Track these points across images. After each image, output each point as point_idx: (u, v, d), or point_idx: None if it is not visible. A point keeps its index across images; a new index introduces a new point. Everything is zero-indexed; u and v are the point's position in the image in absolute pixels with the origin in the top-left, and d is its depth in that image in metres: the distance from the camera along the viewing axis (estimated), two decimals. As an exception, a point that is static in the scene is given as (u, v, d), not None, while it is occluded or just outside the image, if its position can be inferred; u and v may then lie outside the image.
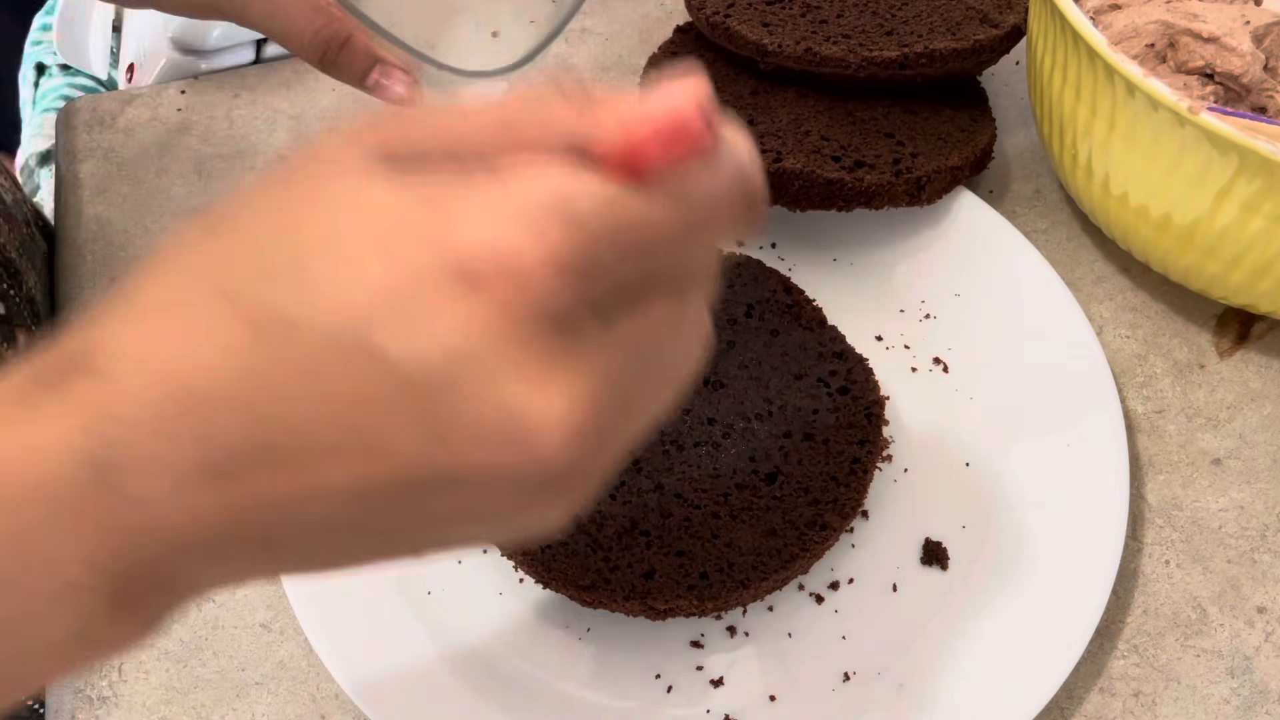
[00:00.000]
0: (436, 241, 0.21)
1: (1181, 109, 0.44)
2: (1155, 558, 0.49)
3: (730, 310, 0.51)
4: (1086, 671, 0.45)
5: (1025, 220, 0.58)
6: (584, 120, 0.23)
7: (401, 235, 0.21)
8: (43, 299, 0.56)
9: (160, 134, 0.63)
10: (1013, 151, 0.62)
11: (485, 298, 0.21)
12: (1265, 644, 0.47)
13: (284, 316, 0.21)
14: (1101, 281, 0.57)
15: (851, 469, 0.46)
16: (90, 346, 0.22)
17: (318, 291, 0.21)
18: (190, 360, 0.21)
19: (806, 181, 0.52)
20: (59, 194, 0.61)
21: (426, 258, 0.21)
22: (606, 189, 0.22)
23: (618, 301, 0.23)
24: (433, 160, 0.23)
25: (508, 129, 0.23)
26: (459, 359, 0.21)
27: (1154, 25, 0.52)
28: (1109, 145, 0.49)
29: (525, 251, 0.21)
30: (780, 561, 0.44)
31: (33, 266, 0.55)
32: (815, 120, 0.55)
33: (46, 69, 0.80)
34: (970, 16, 0.56)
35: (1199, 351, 0.55)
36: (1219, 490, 0.50)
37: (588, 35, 0.67)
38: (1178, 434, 0.52)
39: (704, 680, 0.45)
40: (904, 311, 0.55)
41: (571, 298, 0.21)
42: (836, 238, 0.57)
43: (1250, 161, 0.44)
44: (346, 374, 0.21)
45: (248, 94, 0.64)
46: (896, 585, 0.47)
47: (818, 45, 0.54)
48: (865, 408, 0.48)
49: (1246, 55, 0.50)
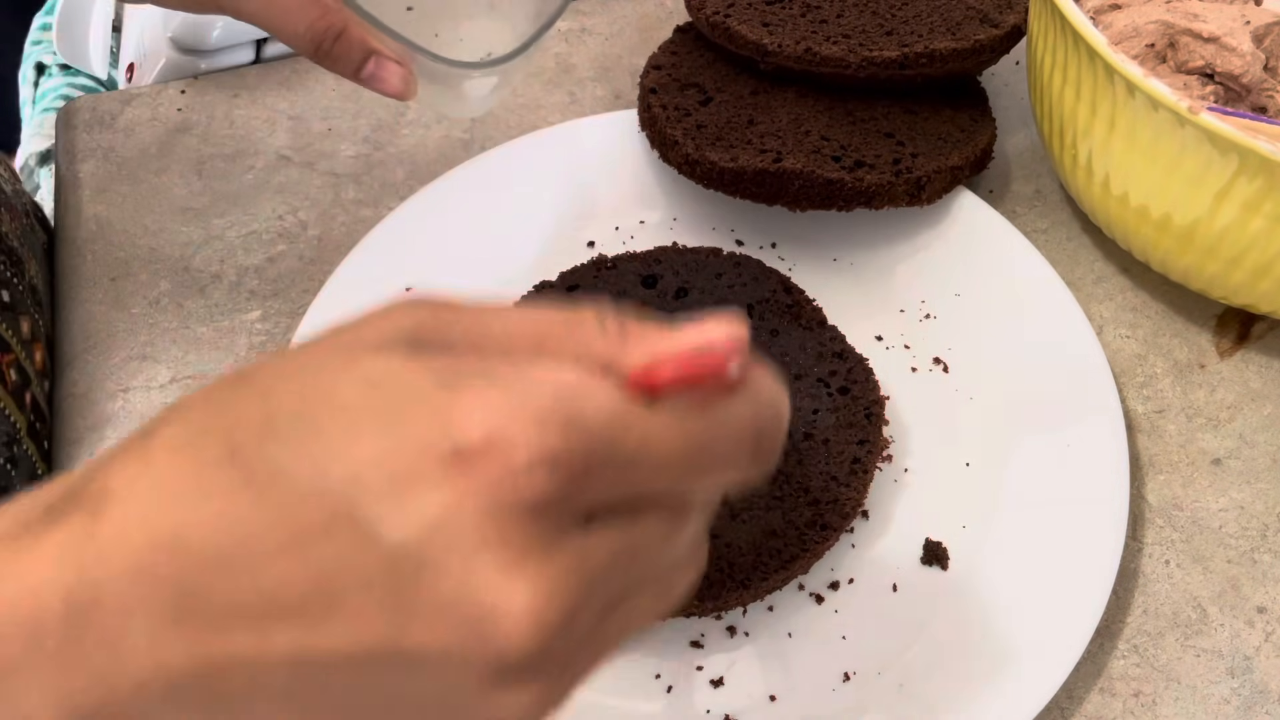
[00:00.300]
0: (438, 419, 0.21)
1: (1181, 109, 0.44)
2: (1155, 558, 0.49)
3: (730, 310, 0.51)
4: (1086, 671, 0.45)
5: (1025, 220, 0.58)
6: (616, 348, 0.24)
7: (405, 408, 0.22)
8: (44, 288, 0.56)
9: (160, 134, 0.63)
10: (1013, 151, 0.62)
11: (473, 481, 0.21)
12: (1265, 644, 0.47)
13: (277, 472, 0.21)
14: (1102, 281, 0.57)
15: (852, 469, 0.46)
16: (92, 481, 0.22)
17: (313, 452, 0.21)
18: (181, 506, 0.22)
19: (806, 181, 0.52)
20: (59, 194, 0.61)
21: (424, 434, 0.21)
22: (616, 400, 0.22)
23: (609, 507, 0.23)
24: (458, 352, 0.23)
25: (540, 343, 0.24)
26: (436, 536, 0.21)
27: (1154, 25, 0.52)
28: (1109, 145, 0.49)
29: (520, 442, 0.21)
30: (780, 561, 0.44)
31: (33, 256, 0.55)
32: (815, 120, 0.55)
33: (46, 69, 0.80)
34: (970, 16, 0.56)
35: (1199, 351, 0.55)
36: (1219, 490, 0.50)
37: (588, 35, 0.67)
38: (1178, 434, 0.52)
39: (704, 680, 0.45)
40: (904, 311, 0.55)
41: (559, 496, 0.21)
42: (836, 238, 0.57)
43: (1250, 161, 0.44)
44: (326, 537, 0.21)
45: (248, 94, 0.64)
46: (896, 585, 0.47)
47: (818, 45, 0.54)
48: (865, 408, 0.48)
49: (1246, 55, 0.50)
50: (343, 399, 0.22)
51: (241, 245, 0.58)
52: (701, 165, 0.53)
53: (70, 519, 0.22)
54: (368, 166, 0.61)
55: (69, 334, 0.55)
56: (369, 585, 0.21)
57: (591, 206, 0.58)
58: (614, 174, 0.59)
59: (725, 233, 0.57)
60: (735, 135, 0.54)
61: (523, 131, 0.61)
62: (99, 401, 0.53)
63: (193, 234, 0.59)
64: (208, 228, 0.59)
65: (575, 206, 0.58)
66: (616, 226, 0.58)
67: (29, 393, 0.50)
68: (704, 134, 0.54)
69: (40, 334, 0.53)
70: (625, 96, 0.64)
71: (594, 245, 0.57)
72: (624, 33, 0.68)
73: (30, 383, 0.50)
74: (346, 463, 0.21)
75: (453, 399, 0.22)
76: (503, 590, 0.21)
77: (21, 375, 0.49)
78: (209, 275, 0.57)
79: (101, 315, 0.56)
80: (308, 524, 0.21)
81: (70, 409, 0.53)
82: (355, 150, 0.62)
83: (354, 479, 0.21)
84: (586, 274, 0.53)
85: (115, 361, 0.54)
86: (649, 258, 0.53)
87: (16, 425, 0.48)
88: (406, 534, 0.21)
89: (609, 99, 0.64)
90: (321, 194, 0.60)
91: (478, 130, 0.63)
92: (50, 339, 0.55)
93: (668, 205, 0.58)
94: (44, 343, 0.53)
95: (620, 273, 0.53)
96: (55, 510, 0.22)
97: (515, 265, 0.55)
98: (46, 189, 0.71)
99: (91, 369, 0.54)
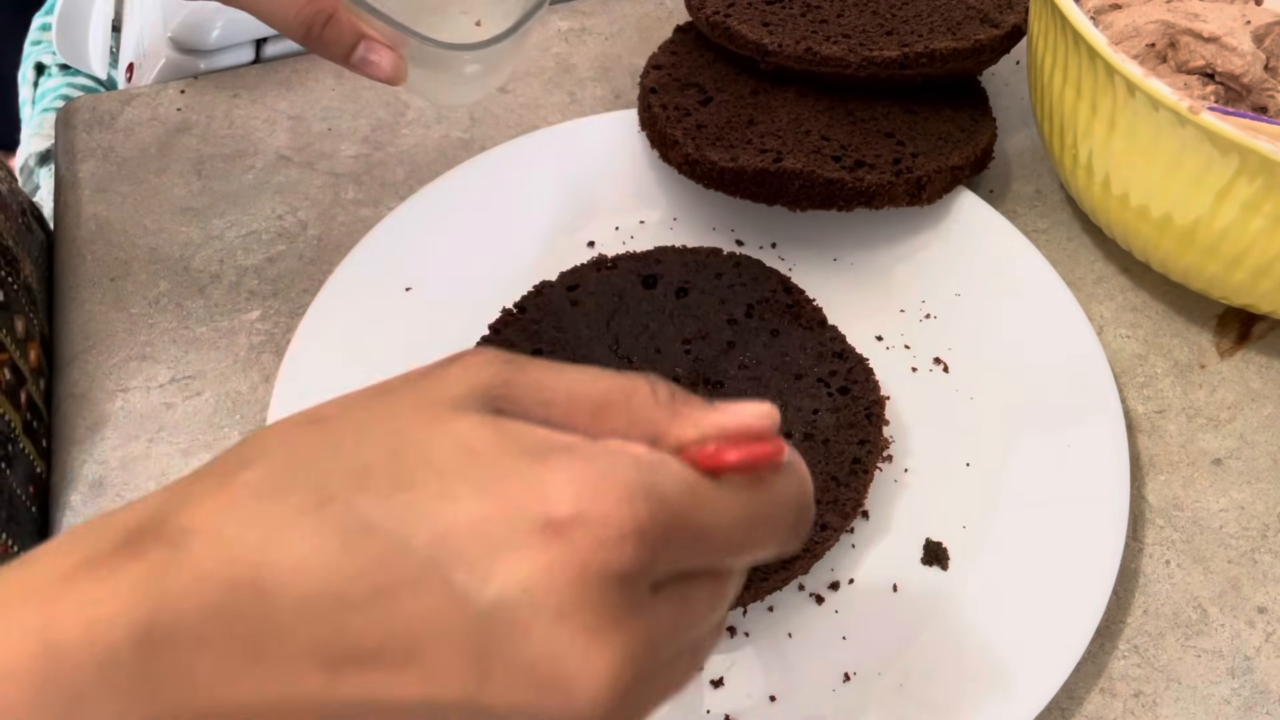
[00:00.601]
0: (531, 490, 0.23)
1: (1182, 109, 0.44)
2: (1156, 558, 0.48)
3: (730, 310, 0.51)
4: (1087, 672, 0.45)
5: (1026, 220, 0.58)
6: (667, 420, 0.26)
7: (498, 477, 0.23)
8: (39, 287, 0.56)
9: (160, 134, 0.63)
10: (1013, 151, 0.62)
11: (566, 549, 0.22)
12: (1266, 644, 0.46)
13: (370, 527, 0.22)
14: (1102, 281, 0.57)
15: (852, 469, 0.46)
16: (173, 516, 0.23)
17: (408, 511, 0.23)
18: (268, 551, 0.22)
19: (807, 181, 0.52)
20: (58, 193, 0.61)
21: (518, 502, 0.23)
22: (689, 476, 0.24)
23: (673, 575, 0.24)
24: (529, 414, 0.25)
25: (600, 408, 0.26)
26: (526, 600, 0.22)
27: (1154, 25, 0.52)
28: (1109, 145, 0.49)
29: (611, 515, 0.23)
30: (780, 561, 0.44)
31: (28, 255, 0.55)
32: (815, 120, 0.55)
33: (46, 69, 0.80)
34: (971, 16, 0.56)
35: (1199, 351, 0.55)
36: (1220, 490, 0.50)
37: (588, 35, 0.67)
38: (1178, 434, 0.52)
39: (704, 681, 0.45)
40: (904, 311, 0.55)
41: (640, 565, 0.23)
42: (836, 238, 0.57)
43: (1251, 161, 0.44)
44: (414, 591, 0.22)
45: (247, 94, 0.64)
46: (897, 585, 0.47)
47: (818, 45, 0.54)
48: (865, 408, 0.48)
49: (1247, 55, 0.50)
50: (437, 461, 0.23)
51: (241, 245, 0.58)
52: (701, 165, 0.53)
53: (150, 553, 0.23)
54: (368, 166, 0.61)
55: (69, 334, 0.55)
56: (453, 639, 0.22)
57: (591, 206, 0.58)
58: (614, 174, 0.59)
59: (725, 233, 0.57)
60: (735, 135, 0.54)
61: (523, 131, 0.61)
62: (99, 401, 0.53)
63: (192, 234, 0.59)
64: (207, 228, 0.59)
65: (575, 206, 0.58)
66: (616, 226, 0.58)
67: (24, 391, 0.50)
68: (704, 134, 0.54)
69: (35, 333, 0.53)
70: (625, 96, 0.64)
71: (594, 245, 0.57)
72: (624, 33, 0.68)
73: (25, 381, 0.50)
74: (442, 525, 0.22)
75: (543, 471, 0.23)
76: (585, 656, 0.22)
77: (15, 374, 0.49)
78: (208, 275, 0.57)
79: (101, 315, 0.56)
80: (397, 578, 0.22)
81: (70, 409, 0.53)
82: (355, 150, 0.62)
83: (449, 540, 0.22)
84: (586, 274, 0.53)
85: (115, 361, 0.54)
86: (649, 258, 0.53)
87: (11, 424, 0.48)
88: (499, 595, 0.22)
89: (609, 99, 0.64)
90: (321, 194, 0.60)
91: (478, 130, 0.63)
92: (46, 338, 0.55)
93: (668, 205, 0.58)
94: (39, 342, 0.53)
95: (620, 273, 0.53)
96: (134, 543, 0.23)
97: (515, 265, 0.55)
98: (46, 189, 0.71)
99: (91, 369, 0.54)
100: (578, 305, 0.51)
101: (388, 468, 0.23)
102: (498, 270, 0.55)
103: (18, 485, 0.48)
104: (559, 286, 0.52)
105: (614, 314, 0.51)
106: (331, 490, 0.23)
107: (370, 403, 0.25)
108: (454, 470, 0.23)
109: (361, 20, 0.42)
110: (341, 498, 0.23)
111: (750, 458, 0.25)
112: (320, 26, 0.42)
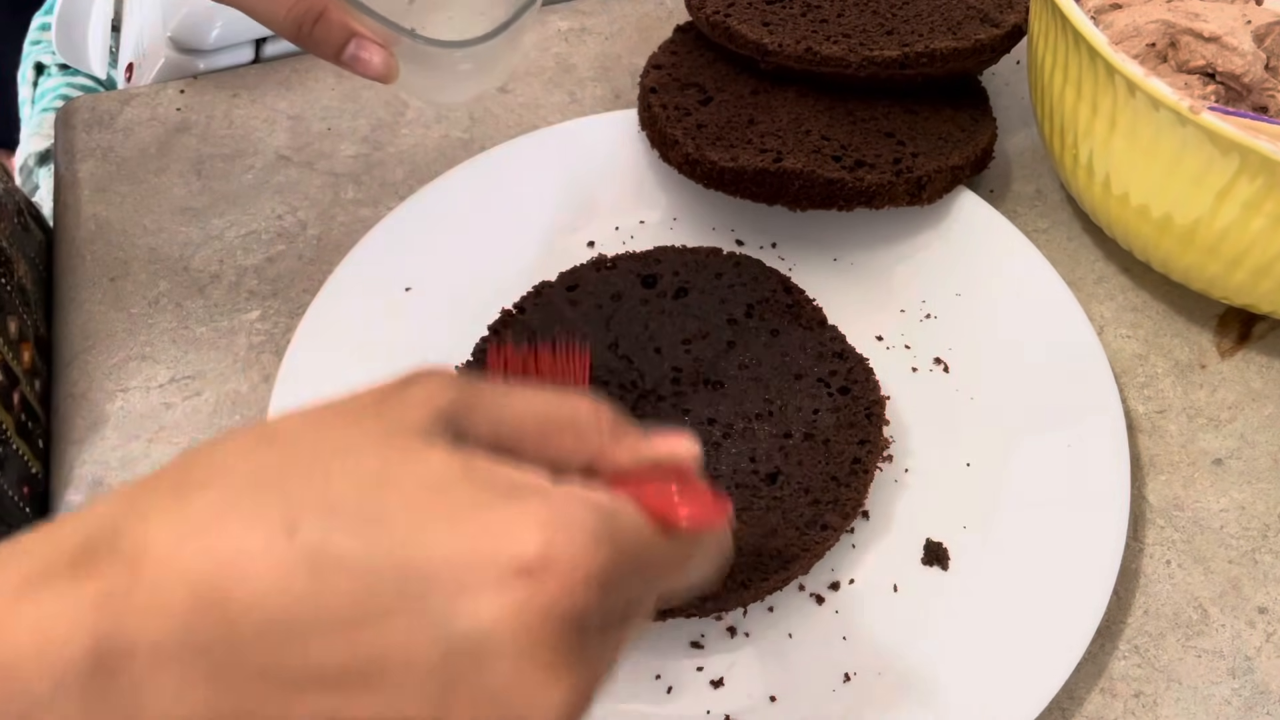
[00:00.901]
0: (501, 530, 0.24)
1: (1182, 108, 0.44)
2: (1156, 558, 0.48)
3: (730, 310, 0.51)
4: (1087, 672, 0.45)
5: (1026, 220, 0.58)
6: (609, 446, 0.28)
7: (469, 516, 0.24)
8: (33, 288, 0.56)
9: (159, 133, 0.63)
10: (1013, 151, 0.62)
11: (533, 590, 0.23)
12: (1266, 644, 0.46)
13: (340, 557, 0.23)
14: (1102, 281, 0.57)
15: (852, 469, 0.46)
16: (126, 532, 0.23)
17: (382, 546, 0.23)
18: (233, 576, 0.22)
19: (807, 181, 0.52)
20: (58, 193, 0.61)
21: (488, 542, 0.23)
22: (642, 524, 0.26)
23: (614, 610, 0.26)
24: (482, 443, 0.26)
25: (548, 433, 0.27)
26: (491, 637, 0.23)
27: (1155, 24, 0.52)
28: (1110, 145, 0.49)
29: (578, 560, 0.24)
30: (780, 562, 0.44)
31: (23, 256, 0.55)
32: (816, 120, 0.54)
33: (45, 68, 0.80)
34: (971, 16, 0.56)
35: (1200, 351, 0.55)
36: (1220, 490, 0.50)
37: (587, 35, 0.67)
38: (1179, 434, 0.52)
39: (704, 681, 0.45)
40: (904, 311, 0.55)
41: (595, 607, 0.24)
42: (836, 238, 0.57)
43: (1251, 161, 0.44)
44: (387, 625, 0.23)
45: (247, 93, 0.64)
46: (897, 585, 0.47)
47: (818, 44, 0.54)
48: (865, 408, 0.48)
49: (1247, 55, 0.50)
50: (407, 496, 0.24)
51: (241, 245, 0.58)
52: (701, 165, 0.53)
53: (105, 570, 0.23)
54: (367, 166, 0.61)
55: (68, 334, 0.55)
56: (420, 668, 0.23)
57: (591, 206, 0.58)
58: (614, 174, 0.59)
59: (725, 233, 0.57)
60: (735, 135, 0.54)
61: (523, 131, 0.61)
62: (98, 401, 0.53)
63: (192, 234, 0.58)
64: (207, 228, 0.59)
65: (575, 206, 0.58)
66: (616, 226, 0.58)
67: (17, 392, 0.50)
68: (704, 133, 0.54)
69: (29, 334, 0.53)
70: (625, 96, 0.64)
71: (594, 245, 0.57)
72: (624, 32, 0.68)
73: (19, 382, 0.50)
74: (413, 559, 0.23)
75: (512, 512, 0.24)
76: (544, 691, 0.23)
77: (8, 375, 0.49)
78: (208, 275, 0.57)
79: (100, 315, 0.56)
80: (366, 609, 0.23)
81: (70, 409, 0.53)
82: (355, 150, 0.62)
83: (420, 575, 0.23)
84: (586, 274, 0.53)
85: (114, 361, 0.54)
86: (649, 258, 0.53)
87: (3, 425, 0.48)
88: (467, 630, 0.23)
89: (609, 99, 0.64)
90: (321, 194, 0.60)
91: (478, 130, 0.63)
92: (41, 339, 0.55)
93: (668, 205, 0.58)
94: (33, 342, 0.53)
95: (620, 273, 0.52)
96: (88, 559, 0.23)
97: (515, 265, 0.55)
98: (45, 189, 0.71)
99: (91, 369, 0.54)
100: (577, 305, 0.51)
101: (358, 498, 0.24)
102: (498, 270, 0.55)
103: (10, 486, 0.48)
104: (559, 286, 0.52)
105: (614, 314, 0.51)
106: (299, 518, 0.23)
107: (333, 426, 0.26)
108: (425, 506, 0.24)
109: (352, 18, 0.42)
110: (310, 526, 0.23)
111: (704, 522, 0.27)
112: (311, 24, 0.42)
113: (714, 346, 0.50)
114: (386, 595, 0.23)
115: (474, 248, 0.56)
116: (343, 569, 0.23)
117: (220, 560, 0.23)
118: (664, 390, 0.49)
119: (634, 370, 0.49)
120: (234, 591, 0.22)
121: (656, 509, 0.27)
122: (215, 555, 0.23)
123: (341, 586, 0.23)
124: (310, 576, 0.23)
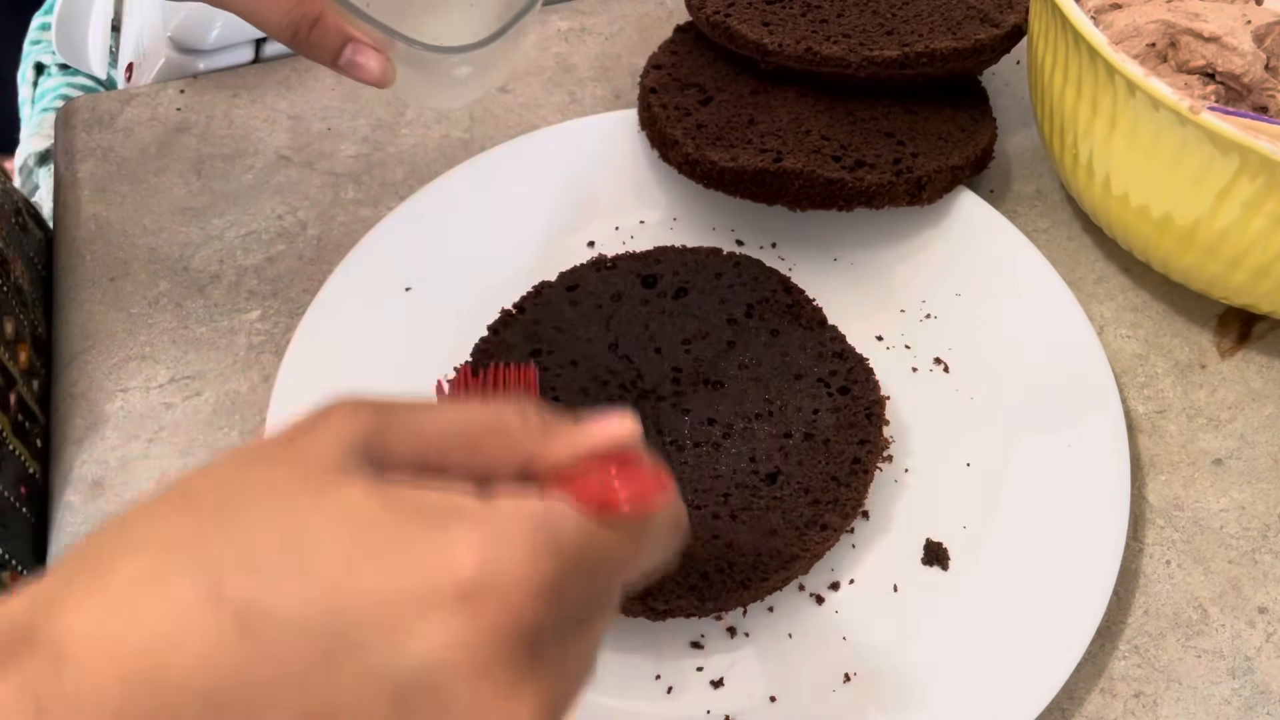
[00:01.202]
0: (432, 558, 0.23)
1: (1182, 108, 0.44)
2: (1156, 558, 0.48)
3: (730, 310, 0.51)
4: (1087, 672, 0.45)
5: (1026, 220, 0.58)
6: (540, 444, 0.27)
7: (397, 548, 0.23)
8: (31, 288, 0.56)
9: (159, 133, 0.63)
10: (1013, 151, 0.62)
11: (476, 613, 0.22)
12: (1266, 644, 0.46)
13: (267, 613, 0.22)
14: (1102, 281, 0.57)
15: (852, 469, 0.46)
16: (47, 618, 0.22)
17: (306, 593, 0.22)
18: (162, 649, 0.21)
19: (807, 181, 0.52)
20: (57, 193, 0.61)
21: (421, 572, 0.22)
22: (581, 522, 0.25)
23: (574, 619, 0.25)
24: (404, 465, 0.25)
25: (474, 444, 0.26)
26: (442, 667, 0.22)
27: (1155, 25, 0.52)
28: (1110, 145, 0.49)
29: (519, 575, 0.23)
30: (780, 562, 0.44)
31: (20, 256, 0.55)
32: (816, 120, 0.54)
33: (45, 68, 0.80)
34: (971, 16, 0.56)
35: (1200, 351, 0.55)
36: (1220, 490, 0.50)
37: (587, 35, 0.67)
38: (1179, 434, 0.52)
39: (704, 681, 0.45)
40: (904, 311, 0.55)
41: (546, 616, 0.23)
42: (836, 238, 0.57)
43: (1251, 161, 0.44)
44: (331, 673, 0.22)
45: (247, 93, 0.64)
46: (897, 585, 0.47)
47: (818, 45, 0.54)
48: (865, 408, 0.48)
49: (1247, 55, 0.50)
50: (329, 537, 0.23)
51: (241, 245, 0.58)
52: (701, 165, 0.53)
53: (25, 664, 0.21)
54: (367, 166, 0.61)
55: (68, 334, 0.55)
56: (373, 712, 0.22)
57: (591, 206, 0.58)
58: (614, 174, 0.59)
59: (725, 233, 0.57)
60: (735, 135, 0.54)
61: (523, 131, 0.61)
62: (98, 401, 0.53)
63: (192, 234, 0.58)
64: (207, 228, 0.59)
65: (575, 206, 0.58)
66: (616, 226, 0.58)
67: (13, 393, 0.50)
68: (704, 133, 0.54)
69: (25, 334, 0.53)
70: (625, 96, 0.64)
71: (594, 245, 0.57)
72: (624, 33, 0.68)
73: (16, 383, 0.50)
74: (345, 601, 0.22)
75: (442, 538, 0.23)
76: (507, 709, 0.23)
77: (5, 376, 0.49)
78: (208, 275, 0.57)
79: (100, 315, 0.56)
80: (306, 661, 0.22)
81: (69, 409, 0.53)
82: (355, 150, 0.62)
83: (355, 616, 0.22)
84: (586, 274, 0.53)
85: (114, 361, 0.54)
86: (649, 258, 0.53)
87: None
88: (415, 665, 0.22)
89: (609, 99, 0.64)
90: (321, 194, 0.60)
91: (478, 130, 0.63)
92: (38, 339, 0.55)
93: (668, 205, 0.58)
94: (29, 343, 0.53)
95: (620, 273, 0.52)
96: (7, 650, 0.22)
97: (515, 265, 0.55)
98: (45, 189, 0.71)
99: (90, 369, 0.54)
100: (577, 305, 0.51)
101: (279, 547, 0.23)
102: (498, 270, 0.55)
103: (6, 487, 0.48)
104: (558, 286, 0.52)
105: (614, 314, 0.51)
106: (221, 577, 0.22)
107: (245, 474, 0.25)
108: (349, 545, 0.23)
109: (348, 22, 0.42)
110: (234, 585, 0.22)
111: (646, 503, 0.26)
112: (307, 29, 0.42)
113: (714, 346, 0.50)
114: (325, 644, 0.22)
115: (474, 248, 0.56)
116: (274, 625, 0.22)
117: (147, 635, 0.21)
118: (664, 390, 0.49)
119: (634, 370, 0.49)
120: (167, 666, 0.21)
121: (596, 499, 0.26)
122: (142, 631, 0.21)
123: (277, 643, 0.22)
124: (243, 638, 0.22)
